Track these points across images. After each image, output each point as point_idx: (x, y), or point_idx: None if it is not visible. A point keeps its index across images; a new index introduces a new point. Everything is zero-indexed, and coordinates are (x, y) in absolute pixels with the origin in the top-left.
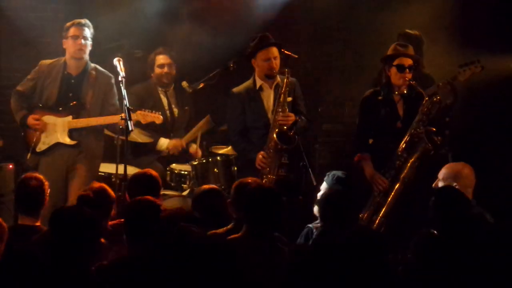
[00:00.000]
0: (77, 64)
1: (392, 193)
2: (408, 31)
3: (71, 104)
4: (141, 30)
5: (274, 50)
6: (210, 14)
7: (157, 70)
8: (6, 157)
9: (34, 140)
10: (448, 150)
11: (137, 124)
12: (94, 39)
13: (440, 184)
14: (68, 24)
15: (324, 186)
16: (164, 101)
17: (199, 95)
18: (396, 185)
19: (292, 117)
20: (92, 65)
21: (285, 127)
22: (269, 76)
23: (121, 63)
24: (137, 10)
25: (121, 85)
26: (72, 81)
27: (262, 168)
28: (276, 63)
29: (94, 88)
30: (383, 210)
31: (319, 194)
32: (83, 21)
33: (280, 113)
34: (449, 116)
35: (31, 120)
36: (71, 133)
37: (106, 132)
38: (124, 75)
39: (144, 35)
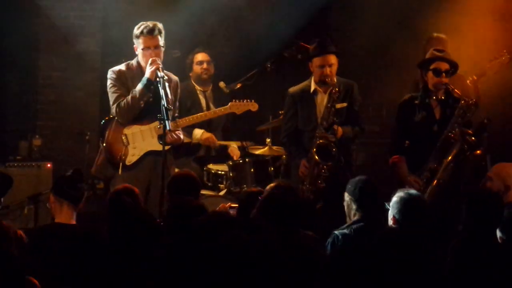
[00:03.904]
0: None
1: (427, 194)
2: (436, 34)
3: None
4: (179, 30)
5: (331, 58)
6: (248, 14)
7: (196, 68)
8: (44, 155)
9: (122, 153)
10: (486, 151)
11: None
12: (131, 38)
13: (489, 183)
14: (138, 29)
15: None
16: (203, 101)
17: (236, 95)
18: (430, 186)
19: (331, 138)
20: None
21: (326, 141)
22: (323, 83)
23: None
24: (176, 10)
25: (158, 85)
26: (152, 87)
27: (303, 176)
28: (331, 70)
29: (170, 90)
30: None
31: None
32: (153, 26)
33: (324, 125)
34: (486, 118)
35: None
36: (162, 138)
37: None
38: (162, 75)
39: (182, 35)
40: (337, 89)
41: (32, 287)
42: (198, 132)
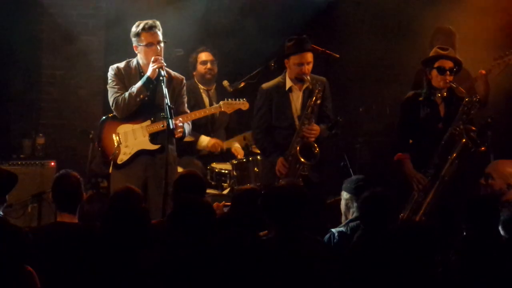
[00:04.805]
0: None
1: (432, 192)
2: (444, 25)
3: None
4: (182, 28)
5: (309, 56)
6: (252, 13)
7: (200, 67)
8: (48, 154)
9: (114, 152)
10: (490, 150)
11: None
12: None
13: (490, 181)
14: (136, 27)
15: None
16: (206, 100)
17: (240, 94)
18: (435, 183)
19: (316, 131)
20: None
21: (309, 139)
22: (298, 80)
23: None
24: (179, 8)
25: (162, 83)
26: (151, 86)
27: (280, 174)
28: (308, 68)
29: (169, 89)
30: (423, 208)
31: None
32: (152, 22)
33: (306, 125)
34: (490, 116)
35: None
36: (153, 137)
37: None
38: (164, 73)
39: (185, 34)
40: (320, 88)
41: (29, 277)
42: (204, 140)
